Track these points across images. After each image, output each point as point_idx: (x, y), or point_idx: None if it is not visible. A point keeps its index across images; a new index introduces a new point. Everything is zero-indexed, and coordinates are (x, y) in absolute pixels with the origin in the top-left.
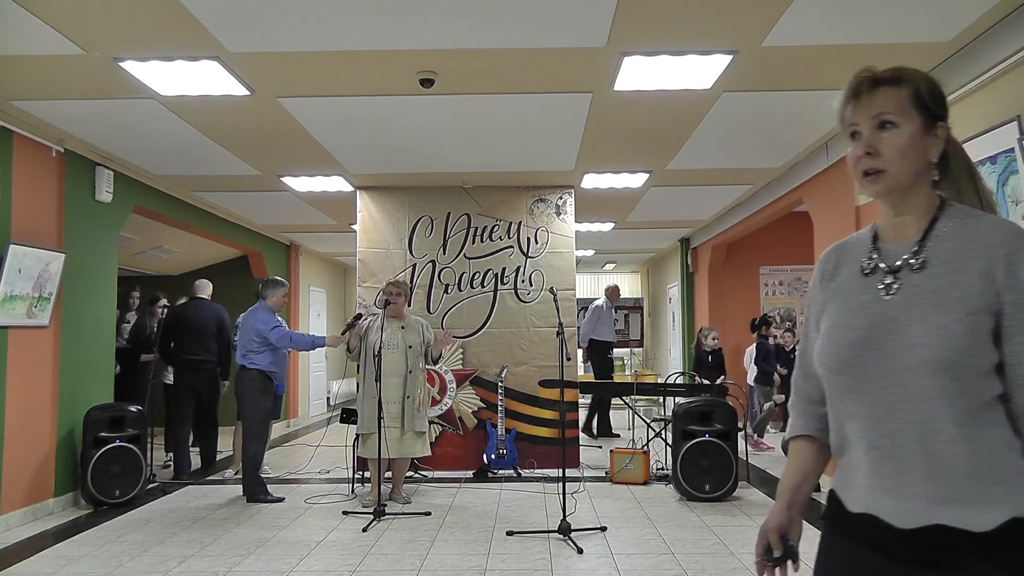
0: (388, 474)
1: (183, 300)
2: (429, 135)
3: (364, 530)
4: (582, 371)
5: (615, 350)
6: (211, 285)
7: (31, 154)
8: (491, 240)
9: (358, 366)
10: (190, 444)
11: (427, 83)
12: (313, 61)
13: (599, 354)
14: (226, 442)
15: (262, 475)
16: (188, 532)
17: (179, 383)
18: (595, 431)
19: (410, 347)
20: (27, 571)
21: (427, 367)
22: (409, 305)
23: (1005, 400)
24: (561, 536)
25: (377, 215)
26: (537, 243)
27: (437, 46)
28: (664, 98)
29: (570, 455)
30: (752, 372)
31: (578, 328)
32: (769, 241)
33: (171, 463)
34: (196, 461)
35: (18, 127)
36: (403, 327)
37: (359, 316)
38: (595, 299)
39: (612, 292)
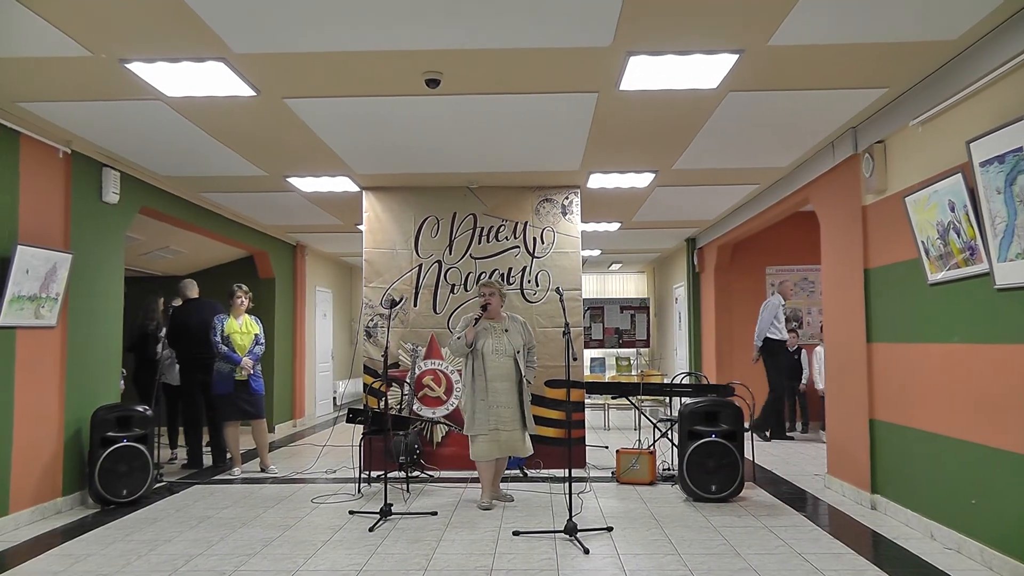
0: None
1: (178, 303)
2: (435, 135)
3: (371, 530)
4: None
5: (620, 350)
6: (196, 283)
7: (38, 155)
8: (497, 240)
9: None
10: (204, 443)
11: (433, 83)
12: (319, 62)
13: (776, 353)
14: (247, 440)
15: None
16: (195, 531)
17: (189, 382)
18: (768, 434)
19: (518, 352)
20: (35, 569)
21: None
22: (415, 302)
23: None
24: (567, 536)
25: (383, 215)
26: (543, 243)
27: (442, 46)
28: (670, 98)
29: (576, 455)
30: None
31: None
32: (775, 241)
33: (175, 460)
34: (205, 460)
35: (25, 128)
36: (506, 330)
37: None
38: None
39: (787, 289)
